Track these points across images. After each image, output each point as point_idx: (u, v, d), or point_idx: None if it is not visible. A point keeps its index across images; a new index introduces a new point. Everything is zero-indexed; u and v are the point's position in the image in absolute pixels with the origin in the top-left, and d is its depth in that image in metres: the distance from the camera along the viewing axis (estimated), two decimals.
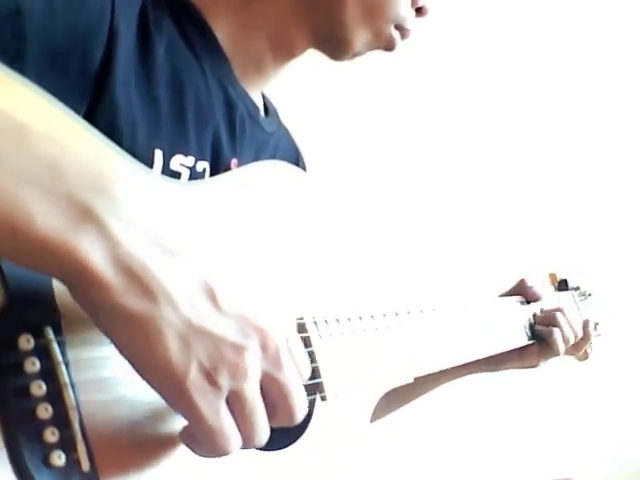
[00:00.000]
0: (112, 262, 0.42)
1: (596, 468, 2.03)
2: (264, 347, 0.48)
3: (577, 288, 1.19)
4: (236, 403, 0.47)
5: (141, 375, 0.45)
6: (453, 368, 0.92)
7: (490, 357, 0.97)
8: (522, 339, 1.04)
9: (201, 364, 0.45)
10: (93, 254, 0.41)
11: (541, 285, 1.13)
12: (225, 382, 0.46)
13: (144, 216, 0.44)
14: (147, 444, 0.52)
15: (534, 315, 1.07)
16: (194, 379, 0.44)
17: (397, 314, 0.79)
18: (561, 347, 1.04)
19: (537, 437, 2.02)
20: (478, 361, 0.96)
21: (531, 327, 1.06)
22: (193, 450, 0.49)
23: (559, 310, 1.06)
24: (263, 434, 0.50)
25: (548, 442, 2.03)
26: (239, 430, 0.48)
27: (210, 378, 0.45)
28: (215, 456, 0.49)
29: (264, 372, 0.48)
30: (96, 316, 0.44)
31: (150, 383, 0.46)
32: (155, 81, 0.69)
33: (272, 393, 0.49)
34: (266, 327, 0.48)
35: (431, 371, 0.82)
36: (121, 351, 0.45)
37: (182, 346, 0.44)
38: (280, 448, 0.64)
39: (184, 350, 0.44)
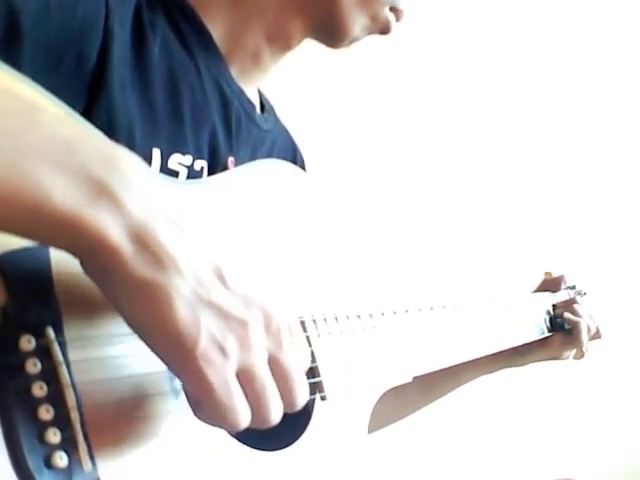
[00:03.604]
0: (125, 232, 0.43)
1: (597, 468, 2.04)
2: (267, 326, 0.49)
3: (573, 287, 1.19)
4: (246, 379, 0.47)
5: (149, 343, 0.45)
6: (473, 366, 0.96)
7: (511, 351, 1.01)
8: (537, 332, 1.07)
9: (211, 334, 0.45)
10: (107, 225, 0.42)
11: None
12: (234, 353, 0.46)
13: (153, 191, 0.45)
14: (149, 444, 0.51)
15: (553, 308, 1.11)
16: (204, 347, 0.45)
17: (395, 313, 0.79)
18: (585, 337, 1.07)
19: (537, 437, 2.02)
20: (499, 357, 1.00)
21: (551, 320, 1.09)
22: (199, 417, 0.49)
23: (574, 302, 1.11)
24: (276, 412, 0.50)
25: (548, 442, 2.03)
26: (251, 407, 0.48)
27: (220, 348, 0.45)
28: (225, 428, 0.49)
29: (268, 351, 0.49)
30: (107, 286, 0.45)
31: (158, 351, 0.46)
32: (151, 81, 0.69)
33: (274, 374, 0.49)
34: (268, 308, 0.49)
35: (430, 370, 0.82)
36: (129, 320, 0.45)
37: (192, 315, 0.44)
38: (280, 448, 0.64)
39: (194, 319, 0.44)
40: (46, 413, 0.45)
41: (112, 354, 0.48)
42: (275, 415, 0.50)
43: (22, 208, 0.41)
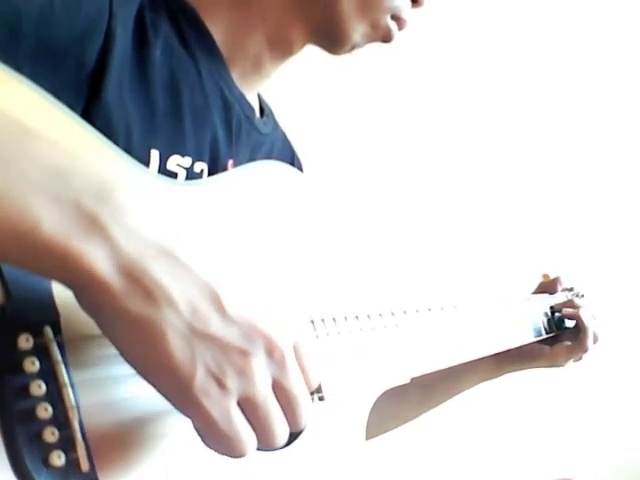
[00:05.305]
0: (115, 267, 0.42)
1: (597, 468, 2.03)
2: (269, 352, 0.47)
3: (571, 289, 1.19)
4: (249, 408, 0.47)
5: (147, 379, 0.45)
6: (472, 370, 0.98)
7: (512, 356, 1.03)
8: (534, 334, 1.07)
9: (207, 367, 0.44)
10: (97, 260, 0.41)
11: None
12: (233, 384, 0.45)
13: (147, 222, 0.44)
14: (146, 444, 0.52)
15: (551, 310, 1.11)
16: (201, 382, 0.44)
17: (393, 314, 0.79)
18: (592, 328, 1.08)
19: (537, 437, 2.02)
20: (499, 362, 1.02)
21: (549, 322, 1.10)
22: (209, 447, 0.49)
23: (572, 303, 1.11)
24: (283, 435, 0.50)
25: (548, 442, 2.03)
26: (256, 433, 0.48)
27: (218, 381, 0.45)
28: (232, 457, 0.48)
29: (272, 377, 0.48)
30: (100, 320, 0.44)
31: (156, 388, 0.45)
32: (151, 82, 0.69)
33: (279, 399, 0.49)
34: (271, 333, 0.47)
35: (428, 371, 0.82)
36: (125, 356, 0.45)
37: (187, 349, 0.44)
38: (278, 448, 0.64)
39: (189, 353, 0.44)
40: (44, 412, 0.45)
41: (110, 354, 0.48)
42: (281, 438, 0.50)
43: (10, 236, 0.40)
